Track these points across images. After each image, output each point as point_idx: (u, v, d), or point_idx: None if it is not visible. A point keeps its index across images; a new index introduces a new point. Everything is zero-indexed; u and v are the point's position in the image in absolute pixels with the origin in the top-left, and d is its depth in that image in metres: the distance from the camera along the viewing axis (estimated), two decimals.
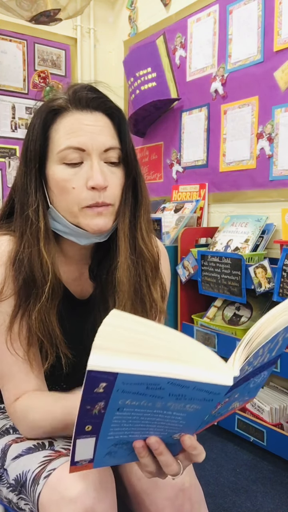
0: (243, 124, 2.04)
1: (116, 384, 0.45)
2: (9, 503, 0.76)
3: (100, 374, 0.43)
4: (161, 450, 0.55)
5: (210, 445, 1.81)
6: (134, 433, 0.54)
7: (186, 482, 0.74)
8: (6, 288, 0.75)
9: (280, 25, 1.85)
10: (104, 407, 0.48)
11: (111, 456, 0.57)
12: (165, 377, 0.45)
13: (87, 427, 0.50)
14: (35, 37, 2.67)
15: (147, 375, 0.44)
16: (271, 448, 1.65)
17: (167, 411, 0.50)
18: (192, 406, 0.50)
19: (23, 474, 0.72)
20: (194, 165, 2.34)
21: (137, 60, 2.49)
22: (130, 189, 0.80)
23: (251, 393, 0.66)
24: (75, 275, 0.86)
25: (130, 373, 0.44)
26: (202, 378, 0.46)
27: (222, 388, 0.47)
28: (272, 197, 1.93)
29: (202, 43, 2.24)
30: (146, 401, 0.48)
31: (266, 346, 0.53)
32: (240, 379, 0.55)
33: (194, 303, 2.08)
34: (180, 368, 0.46)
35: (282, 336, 0.57)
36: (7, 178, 2.62)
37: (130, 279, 0.79)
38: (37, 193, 0.76)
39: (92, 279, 0.86)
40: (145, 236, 0.81)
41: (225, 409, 0.61)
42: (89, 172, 0.73)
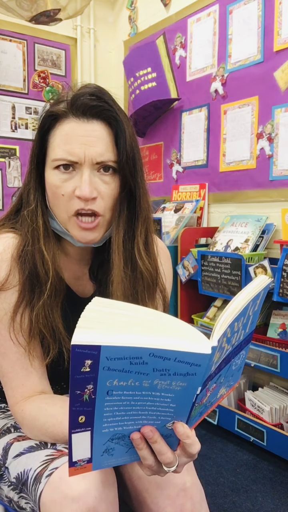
0: (243, 124, 2.04)
1: (100, 359, 0.47)
2: (9, 502, 0.76)
3: (84, 348, 0.46)
4: (155, 439, 0.56)
5: (210, 445, 1.81)
6: (128, 424, 0.55)
7: (188, 481, 0.75)
8: (12, 277, 0.76)
9: (280, 25, 1.85)
10: (94, 391, 0.49)
11: (109, 455, 0.58)
12: (146, 347, 0.47)
13: (80, 418, 0.51)
14: (35, 37, 2.67)
15: (129, 346, 0.47)
16: (271, 448, 1.65)
17: (155, 392, 0.52)
18: (178, 383, 0.51)
19: (24, 472, 0.72)
20: (194, 165, 2.34)
21: (137, 60, 2.49)
22: (126, 201, 0.78)
23: (235, 376, 0.69)
24: (77, 274, 0.86)
25: (112, 345, 0.46)
26: (181, 347, 0.48)
27: (202, 357, 0.49)
28: (272, 197, 1.93)
29: (202, 43, 2.24)
30: (133, 380, 0.50)
31: (240, 320, 0.56)
32: (223, 360, 0.57)
33: (194, 303, 2.08)
34: (161, 339, 0.48)
35: (251, 309, 0.60)
36: (7, 178, 2.62)
37: (125, 292, 0.78)
38: (36, 193, 0.77)
39: (92, 280, 0.86)
40: (141, 250, 0.79)
41: (214, 397, 0.63)
42: (78, 182, 0.73)
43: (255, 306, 0.61)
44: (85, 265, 0.86)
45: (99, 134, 0.73)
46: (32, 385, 0.77)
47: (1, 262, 0.76)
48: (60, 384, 0.88)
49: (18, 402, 0.77)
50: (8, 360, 0.77)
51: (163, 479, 0.74)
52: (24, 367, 0.77)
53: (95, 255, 0.86)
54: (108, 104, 0.74)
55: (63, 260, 0.83)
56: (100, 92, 0.75)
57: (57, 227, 0.79)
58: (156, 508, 0.74)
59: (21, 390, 0.77)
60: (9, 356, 0.76)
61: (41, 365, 0.79)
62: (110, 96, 0.76)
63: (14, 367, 0.77)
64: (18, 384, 0.77)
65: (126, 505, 0.80)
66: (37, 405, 0.75)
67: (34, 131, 0.79)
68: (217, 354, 0.52)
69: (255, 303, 0.60)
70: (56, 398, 0.78)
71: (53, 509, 0.65)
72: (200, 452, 1.62)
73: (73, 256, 0.84)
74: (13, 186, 2.64)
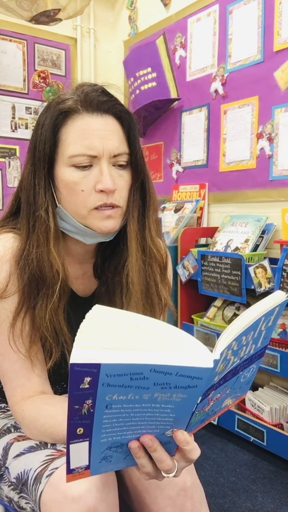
0: (243, 124, 2.04)
1: (100, 377, 0.45)
2: (10, 502, 0.76)
3: (83, 367, 0.44)
4: (155, 447, 0.56)
5: (210, 445, 1.81)
6: (126, 433, 0.54)
7: (188, 481, 0.75)
8: (11, 285, 0.75)
9: (280, 25, 1.85)
10: (93, 405, 0.48)
11: (107, 461, 0.57)
12: (147, 363, 0.46)
13: (78, 430, 0.50)
14: (35, 37, 2.67)
15: (130, 363, 0.45)
16: (271, 448, 1.65)
17: (155, 404, 0.51)
18: (178, 396, 0.50)
19: (24, 472, 0.72)
20: (194, 165, 2.34)
21: (137, 60, 2.49)
22: (138, 191, 0.81)
23: (243, 388, 0.67)
24: (78, 273, 0.86)
25: (113, 362, 0.45)
26: (183, 362, 0.47)
27: (204, 371, 0.48)
28: (272, 197, 1.93)
29: (202, 43, 2.24)
30: (133, 394, 0.48)
31: (249, 333, 0.54)
32: (229, 372, 0.56)
33: (194, 303, 2.08)
34: (162, 354, 0.47)
35: (264, 324, 0.58)
36: (7, 178, 2.62)
37: (140, 279, 0.80)
38: (46, 193, 0.76)
39: (96, 277, 0.86)
40: (154, 236, 0.83)
41: (218, 406, 0.62)
42: (98, 176, 0.74)
43: (268, 321, 0.59)
44: (86, 264, 0.87)
45: (113, 128, 0.75)
46: (32, 385, 0.77)
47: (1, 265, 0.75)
48: (61, 384, 0.88)
49: (18, 402, 0.77)
50: (9, 360, 0.77)
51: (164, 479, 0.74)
52: (25, 367, 0.77)
53: (98, 252, 0.86)
54: (117, 99, 0.77)
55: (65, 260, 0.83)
56: (106, 89, 0.78)
57: (67, 226, 0.78)
58: (157, 508, 0.74)
59: (21, 390, 0.77)
60: (10, 356, 0.76)
61: (42, 367, 0.78)
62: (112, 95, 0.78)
63: (14, 367, 0.77)
64: (18, 384, 0.77)
65: (126, 505, 0.80)
66: (37, 405, 0.75)
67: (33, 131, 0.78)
68: (221, 365, 0.51)
69: (268, 318, 0.58)
70: (56, 399, 0.77)
71: (53, 509, 0.65)
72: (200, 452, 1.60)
73: (76, 255, 0.85)
74: (13, 186, 2.63)
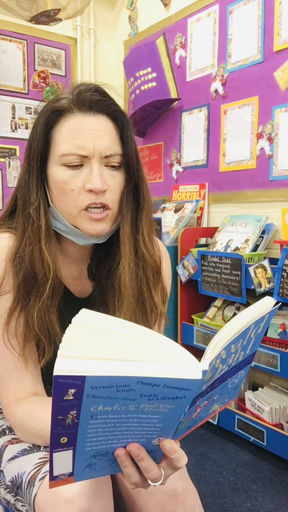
0: (243, 124, 2.04)
1: (85, 389, 0.44)
2: (7, 504, 0.76)
3: (68, 379, 0.43)
4: (142, 456, 0.54)
5: (210, 445, 1.81)
6: (112, 442, 0.53)
7: (178, 487, 0.73)
8: (6, 283, 0.75)
9: (280, 25, 1.85)
10: (77, 416, 0.47)
11: (91, 469, 0.56)
12: (134, 376, 0.44)
13: (62, 439, 0.49)
14: (35, 37, 2.67)
15: (116, 376, 0.44)
16: (271, 448, 1.65)
17: (142, 414, 0.49)
18: (165, 406, 0.49)
19: (18, 476, 0.72)
20: (194, 165, 2.34)
21: (137, 60, 2.49)
22: (132, 193, 0.79)
23: (230, 394, 0.66)
24: (75, 274, 0.86)
25: (98, 375, 0.43)
26: (171, 374, 0.45)
27: (192, 382, 0.47)
28: (272, 197, 1.93)
29: (202, 43, 2.24)
30: (119, 405, 0.47)
31: (238, 341, 0.53)
32: (217, 379, 0.55)
33: (194, 303, 2.08)
34: (149, 366, 0.45)
35: (253, 331, 0.56)
36: (7, 178, 2.62)
37: (132, 283, 0.79)
38: (38, 191, 0.76)
39: (91, 279, 0.86)
40: (147, 240, 0.81)
41: (205, 413, 0.61)
42: (88, 176, 0.73)
43: (258, 328, 0.57)
44: (82, 265, 0.86)
45: (105, 128, 0.74)
46: (25, 387, 0.77)
47: None
48: None
49: (10, 404, 0.76)
50: (1, 361, 0.76)
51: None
52: (18, 369, 0.76)
53: (93, 253, 0.86)
54: (111, 99, 0.76)
55: (61, 260, 0.83)
56: (101, 89, 0.77)
57: (60, 226, 0.78)
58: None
59: (13, 391, 0.76)
60: (2, 357, 0.76)
61: (35, 366, 0.78)
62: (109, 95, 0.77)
63: (7, 368, 0.76)
64: (11, 385, 0.76)
65: (120, 508, 0.79)
66: (29, 408, 0.74)
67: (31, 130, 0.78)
68: (209, 374, 0.50)
69: (258, 325, 0.57)
70: (48, 401, 0.77)
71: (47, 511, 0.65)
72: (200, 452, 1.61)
73: (72, 256, 0.84)
74: (13, 186, 2.63)
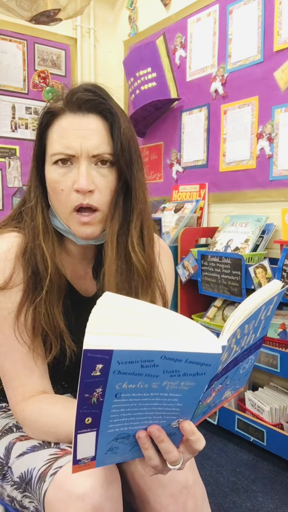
0: (243, 124, 2.04)
1: (112, 364, 0.46)
2: (11, 501, 0.77)
3: (96, 353, 0.45)
4: (162, 438, 0.56)
5: (210, 445, 1.81)
6: (133, 424, 0.55)
7: (190, 479, 0.75)
8: (16, 276, 0.76)
9: (280, 25, 1.85)
10: (102, 394, 0.49)
11: (112, 453, 0.58)
12: (158, 350, 0.47)
13: (87, 420, 0.51)
14: (35, 37, 2.67)
15: (141, 350, 0.46)
16: (271, 448, 1.65)
17: (163, 393, 0.51)
18: (186, 384, 0.51)
19: (28, 472, 0.72)
20: (194, 165, 2.34)
21: (137, 60, 2.49)
22: (123, 193, 0.78)
23: (241, 380, 0.69)
24: (80, 273, 0.86)
25: (125, 349, 0.46)
26: (193, 349, 0.48)
27: (212, 357, 0.49)
28: (272, 197, 1.93)
29: (202, 43, 2.24)
30: (142, 383, 0.49)
31: (251, 322, 0.56)
32: (231, 362, 0.57)
33: (194, 303, 2.08)
34: (172, 342, 0.48)
35: (264, 313, 0.59)
36: (7, 178, 2.62)
37: (118, 285, 0.78)
38: (36, 190, 0.78)
39: (94, 279, 0.87)
40: (135, 243, 0.78)
41: (218, 398, 0.63)
42: (75, 175, 0.74)
43: (267, 311, 0.60)
44: (88, 264, 0.87)
45: (94, 127, 0.74)
46: (33, 385, 0.77)
47: (6, 261, 0.76)
48: (61, 384, 0.88)
49: (19, 402, 0.77)
50: (10, 360, 0.77)
51: (166, 477, 0.74)
52: (26, 367, 0.77)
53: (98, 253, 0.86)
54: (102, 97, 0.75)
55: (66, 259, 0.83)
56: (95, 87, 0.76)
57: (60, 225, 0.79)
58: (159, 507, 0.74)
59: (22, 389, 0.77)
60: (11, 355, 0.77)
61: (43, 364, 0.79)
62: (105, 91, 0.77)
63: (16, 366, 0.77)
64: (19, 383, 0.77)
65: (128, 504, 0.80)
66: (38, 405, 0.75)
67: (34, 131, 0.81)
68: (225, 354, 0.52)
69: (267, 307, 0.59)
70: (57, 398, 0.78)
71: (58, 507, 0.65)
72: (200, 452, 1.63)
73: (76, 255, 0.85)
74: (13, 186, 2.63)
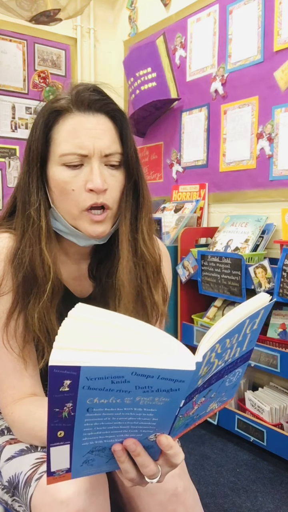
0: (243, 124, 2.04)
1: (80, 380, 0.45)
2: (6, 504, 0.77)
3: (63, 369, 0.43)
4: (138, 451, 0.55)
5: (210, 445, 1.81)
6: (108, 437, 0.53)
7: (179, 486, 0.73)
8: (4, 284, 0.75)
9: (280, 25, 1.85)
10: (73, 409, 0.47)
11: (88, 465, 0.56)
12: (128, 366, 0.45)
13: (59, 433, 0.49)
14: (35, 37, 2.67)
15: (110, 366, 0.44)
16: (271, 448, 1.65)
17: (137, 408, 0.50)
18: (160, 399, 0.49)
19: (15, 476, 0.72)
20: (194, 165, 2.34)
21: (137, 60, 2.49)
22: (131, 192, 0.79)
23: (229, 393, 0.66)
24: (75, 274, 0.86)
25: (93, 365, 0.44)
26: (165, 365, 0.46)
27: (186, 373, 0.47)
28: (272, 197, 1.93)
29: (202, 43, 2.24)
30: (114, 398, 0.48)
31: (233, 336, 0.53)
32: (213, 375, 0.55)
33: (194, 303, 2.08)
34: (143, 357, 0.46)
35: (249, 327, 0.57)
36: (7, 178, 2.62)
37: (132, 282, 0.79)
38: (39, 192, 0.76)
39: (91, 279, 0.86)
40: (147, 239, 0.81)
41: (203, 410, 0.61)
42: (88, 175, 0.73)
43: (253, 324, 0.57)
44: (83, 265, 0.86)
45: (105, 127, 0.74)
46: (23, 387, 0.77)
47: None
48: None
49: (8, 404, 0.76)
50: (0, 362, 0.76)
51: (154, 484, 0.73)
52: (16, 369, 0.76)
53: (93, 253, 0.86)
54: (110, 98, 0.76)
55: (61, 260, 0.83)
56: (100, 88, 0.77)
57: (60, 227, 0.78)
58: None
59: (11, 392, 0.76)
60: (1, 358, 0.76)
61: (34, 367, 0.78)
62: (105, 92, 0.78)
63: (5, 369, 0.76)
64: (9, 386, 0.76)
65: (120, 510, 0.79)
66: (27, 408, 0.74)
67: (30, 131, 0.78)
68: (204, 368, 0.50)
69: (253, 321, 0.57)
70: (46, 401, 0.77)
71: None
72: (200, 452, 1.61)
73: (72, 256, 0.84)
74: (13, 186, 2.63)
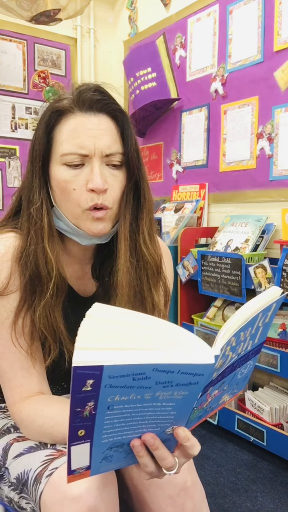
0: (243, 124, 2.04)
1: (102, 379, 0.45)
2: (10, 502, 0.77)
3: (86, 369, 0.44)
4: (157, 445, 0.56)
5: (210, 445, 1.81)
6: (127, 433, 0.54)
7: (188, 481, 0.75)
8: (12, 282, 0.75)
9: (280, 25, 1.85)
10: (94, 407, 0.48)
11: (107, 461, 0.57)
12: (149, 363, 0.46)
13: (80, 432, 0.50)
14: (35, 37, 2.67)
15: (132, 364, 0.45)
16: (271, 448, 1.65)
17: (157, 403, 0.51)
18: (179, 393, 0.50)
19: (24, 473, 0.72)
20: (194, 165, 2.34)
21: (137, 60, 2.49)
22: (132, 192, 0.80)
23: (240, 385, 0.68)
24: (79, 273, 0.86)
25: (115, 364, 0.45)
26: (185, 360, 0.47)
27: (205, 367, 0.49)
28: (272, 197, 1.93)
29: (202, 43, 2.24)
30: (135, 394, 0.49)
31: (247, 329, 0.55)
32: (227, 368, 0.56)
33: (194, 303, 2.08)
34: (163, 353, 0.47)
35: (261, 320, 0.58)
36: (7, 178, 2.62)
37: (130, 282, 0.79)
38: (41, 191, 0.77)
39: (94, 279, 0.86)
40: (147, 239, 0.81)
41: (215, 403, 0.62)
42: (89, 175, 0.74)
43: (265, 317, 0.59)
44: (87, 264, 0.87)
45: (106, 127, 0.75)
46: (30, 386, 0.77)
47: (2, 264, 0.75)
48: (61, 384, 0.88)
49: (16, 402, 0.77)
50: (7, 360, 0.77)
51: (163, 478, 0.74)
52: (23, 368, 0.77)
53: (97, 253, 0.86)
54: (112, 98, 0.76)
55: (65, 260, 0.83)
56: (102, 88, 0.77)
57: (63, 226, 0.79)
58: (157, 508, 0.74)
59: (19, 390, 0.77)
60: (8, 356, 0.76)
61: (40, 365, 0.79)
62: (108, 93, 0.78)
63: (13, 367, 0.77)
64: (16, 384, 0.77)
65: (126, 504, 0.80)
66: (35, 406, 0.75)
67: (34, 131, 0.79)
68: (220, 361, 0.51)
69: (265, 314, 0.58)
70: (54, 399, 0.77)
71: (53, 509, 0.65)
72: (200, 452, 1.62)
73: (76, 255, 0.85)
74: (13, 186, 2.64)
